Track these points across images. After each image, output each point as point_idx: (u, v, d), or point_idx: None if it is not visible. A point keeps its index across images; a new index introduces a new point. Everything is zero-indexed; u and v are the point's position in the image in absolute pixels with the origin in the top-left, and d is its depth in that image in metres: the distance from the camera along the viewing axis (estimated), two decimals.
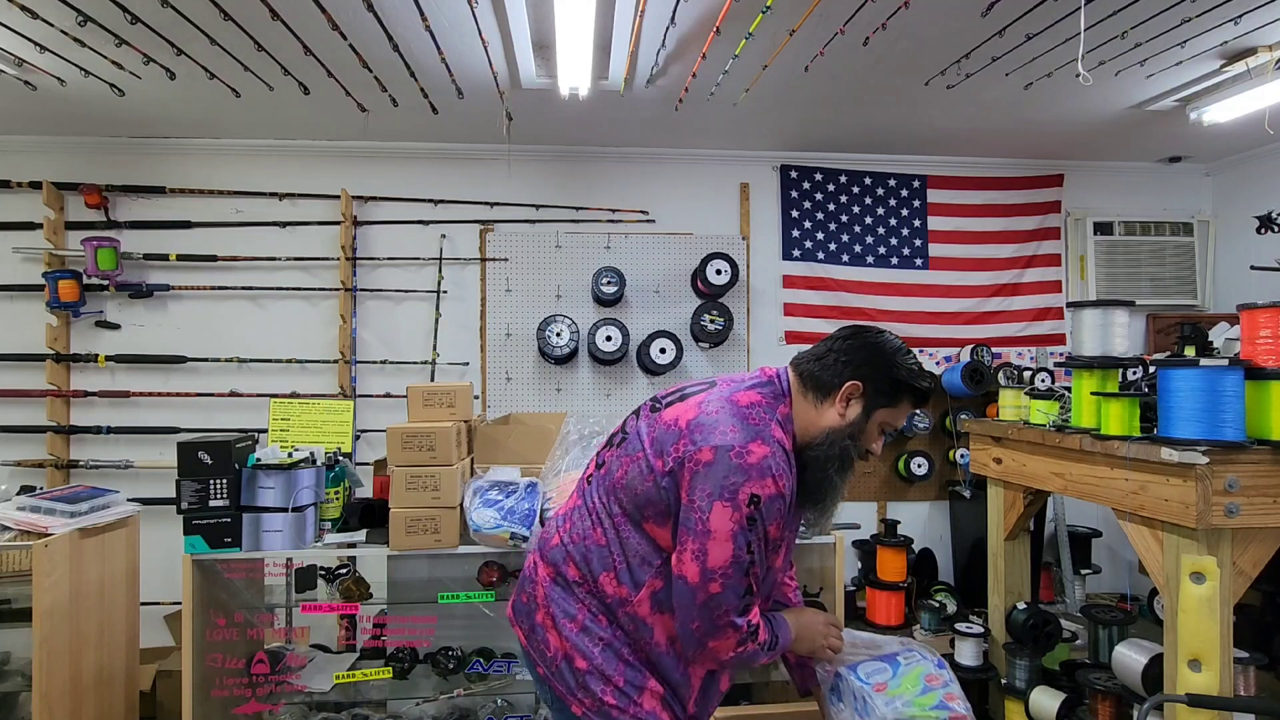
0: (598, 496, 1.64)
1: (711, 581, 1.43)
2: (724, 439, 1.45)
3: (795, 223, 4.41)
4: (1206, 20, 2.68)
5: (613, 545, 1.58)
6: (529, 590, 1.70)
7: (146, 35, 2.66)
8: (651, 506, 1.53)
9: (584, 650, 1.57)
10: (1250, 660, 2.04)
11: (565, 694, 1.59)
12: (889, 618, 3.75)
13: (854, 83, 3.33)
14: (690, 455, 1.46)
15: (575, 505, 1.70)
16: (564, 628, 1.60)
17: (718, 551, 1.42)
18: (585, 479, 1.73)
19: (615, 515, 1.58)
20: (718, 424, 1.48)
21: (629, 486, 1.56)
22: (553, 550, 1.67)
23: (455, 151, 4.17)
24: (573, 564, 1.61)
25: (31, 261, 3.89)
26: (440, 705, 2.72)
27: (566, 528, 1.67)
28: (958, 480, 4.29)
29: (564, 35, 2.69)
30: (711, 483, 1.43)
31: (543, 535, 1.75)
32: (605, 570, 1.57)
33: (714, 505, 1.42)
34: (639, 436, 1.60)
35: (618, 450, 1.64)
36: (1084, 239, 4.55)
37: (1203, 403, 1.83)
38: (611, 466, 1.63)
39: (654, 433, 1.57)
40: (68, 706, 2.43)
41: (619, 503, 1.58)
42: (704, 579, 1.44)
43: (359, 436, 3.89)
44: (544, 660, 1.63)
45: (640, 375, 4.25)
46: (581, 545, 1.61)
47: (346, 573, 2.80)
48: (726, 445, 1.44)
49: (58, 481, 3.82)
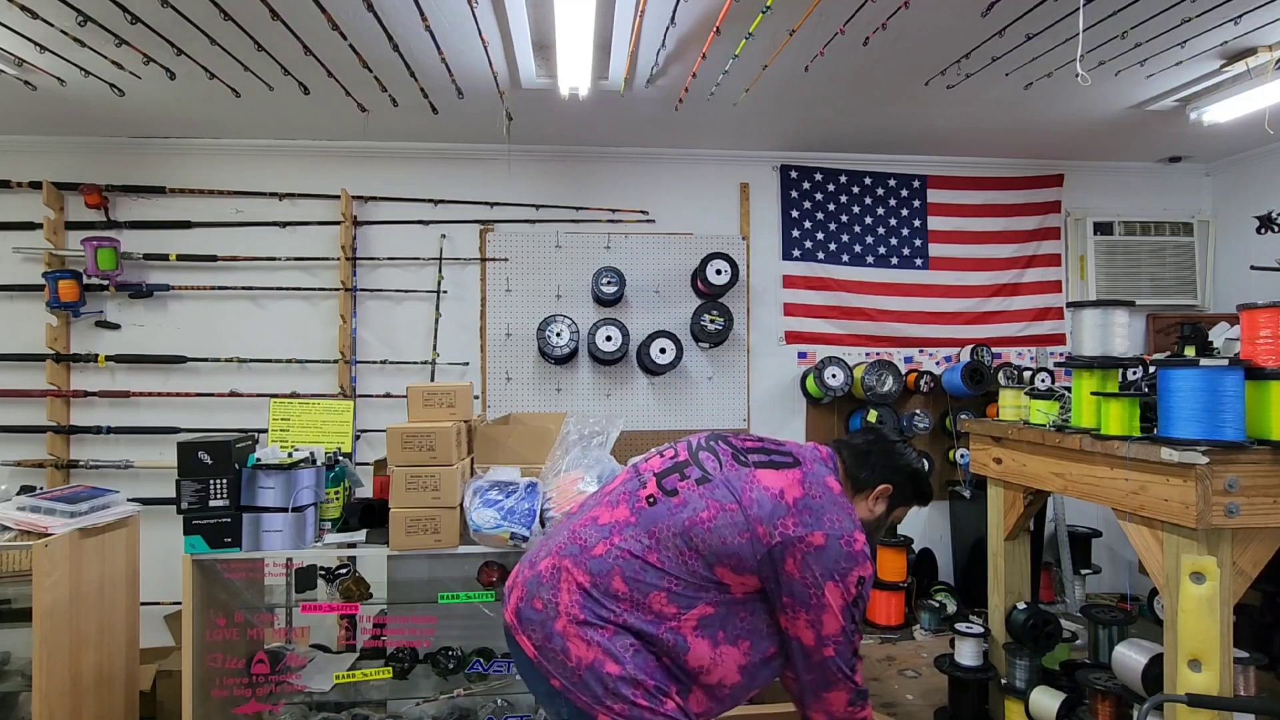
0: (667, 524, 1.65)
1: (825, 647, 1.63)
2: (833, 527, 1.63)
3: (795, 223, 4.41)
4: (1206, 20, 2.68)
5: (672, 571, 1.63)
6: (546, 596, 1.65)
7: (146, 35, 2.66)
8: (735, 559, 1.62)
9: (617, 655, 1.57)
10: (1250, 660, 2.04)
11: (590, 704, 1.57)
12: (889, 618, 3.75)
13: (854, 83, 3.34)
14: (803, 537, 1.61)
15: (628, 521, 1.68)
16: (592, 635, 1.58)
17: (831, 623, 1.61)
18: (643, 498, 1.71)
19: (685, 549, 1.63)
20: (824, 510, 1.64)
21: (716, 532, 1.62)
22: (595, 560, 1.65)
23: (455, 151, 4.17)
24: (620, 577, 1.62)
25: (31, 261, 3.89)
26: (440, 705, 2.71)
27: (616, 541, 1.66)
28: (958, 480, 4.29)
29: (564, 35, 2.69)
30: (822, 566, 1.60)
31: (577, 541, 1.70)
32: (657, 590, 1.62)
33: (827, 584, 1.60)
34: (729, 486, 1.66)
35: (698, 488, 1.68)
36: (1084, 239, 4.55)
37: (1203, 403, 1.83)
38: (691, 503, 1.66)
39: (751, 493, 1.64)
40: (68, 706, 2.43)
41: (695, 541, 1.62)
42: (819, 644, 1.63)
43: (359, 436, 3.89)
44: (563, 671, 1.59)
45: (640, 375, 4.26)
46: (633, 563, 1.63)
47: (346, 573, 2.80)
48: (837, 534, 1.62)
49: (58, 481, 3.82)
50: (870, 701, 1.77)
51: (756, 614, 1.67)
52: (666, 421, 4.27)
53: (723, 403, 4.32)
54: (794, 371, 4.40)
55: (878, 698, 2.99)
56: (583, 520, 1.75)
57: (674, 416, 4.28)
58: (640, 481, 1.76)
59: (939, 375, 4.22)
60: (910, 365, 4.46)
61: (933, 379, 4.24)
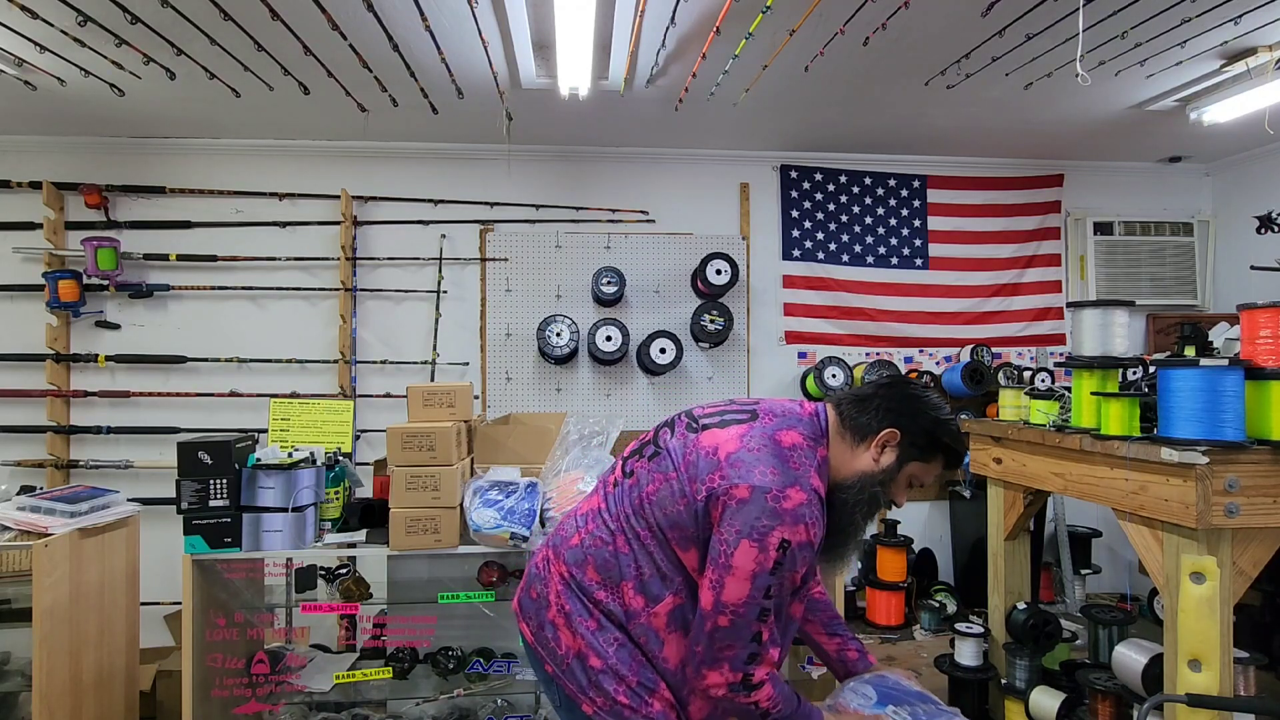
0: (624, 505, 1.61)
1: (721, 614, 1.44)
2: (762, 480, 1.45)
3: (795, 223, 4.41)
4: (1206, 20, 2.68)
5: (637, 555, 1.57)
6: (539, 587, 1.68)
7: (146, 35, 2.66)
8: (679, 529, 1.53)
9: (599, 649, 1.55)
10: (1250, 660, 2.04)
11: (576, 693, 1.58)
12: (889, 618, 3.75)
13: (854, 83, 3.33)
14: (725, 490, 1.46)
15: (598, 508, 1.67)
16: (578, 626, 1.58)
17: (734, 588, 1.43)
18: (610, 483, 1.69)
19: (640, 529, 1.57)
20: (758, 462, 1.48)
21: (659, 504, 1.55)
22: (571, 550, 1.64)
23: (455, 151, 4.17)
24: (592, 567, 1.60)
25: (31, 261, 3.89)
26: (440, 705, 2.71)
27: (588, 529, 1.64)
28: (958, 480, 4.29)
29: (564, 35, 2.69)
30: (742, 521, 1.43)
31: (560, 532, 1.72)
32: (626, 578, 1.56)
33: (740, 543, 1.42)
34: (672, 455, 1.59)
35: (649, 464, 1.62)
36: (1084, 239, 4.55)
37: (1203, 403, 1.83)
38: (641, 479, 1.61)
39: (690, 456, 1.55)
40: (68, 706, 2.43)
41: (646, 517, 1.57)
42: (715, 609, 1.45)
43: (359, 436, 3.89)
44: (554, 658, 1.61)
45: (640, 375, 4.25)
46: (603, 550, 1.59)
47: (346, 573, 2.80)
48: (764, 487, 1.44)
49: (58, 481, 3.82)
50: (774, 695, 1.52)
51: None
52: None
53: None
54: (794, 371, 4.40)
55: None
56: (569, 513, 1.76)
57: None
58: (612, 469, 1.74)
59: (939, 375, 4.22)
60: (910, 365, 4.45)
61: (933, 379, 4.24)
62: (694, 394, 4.29)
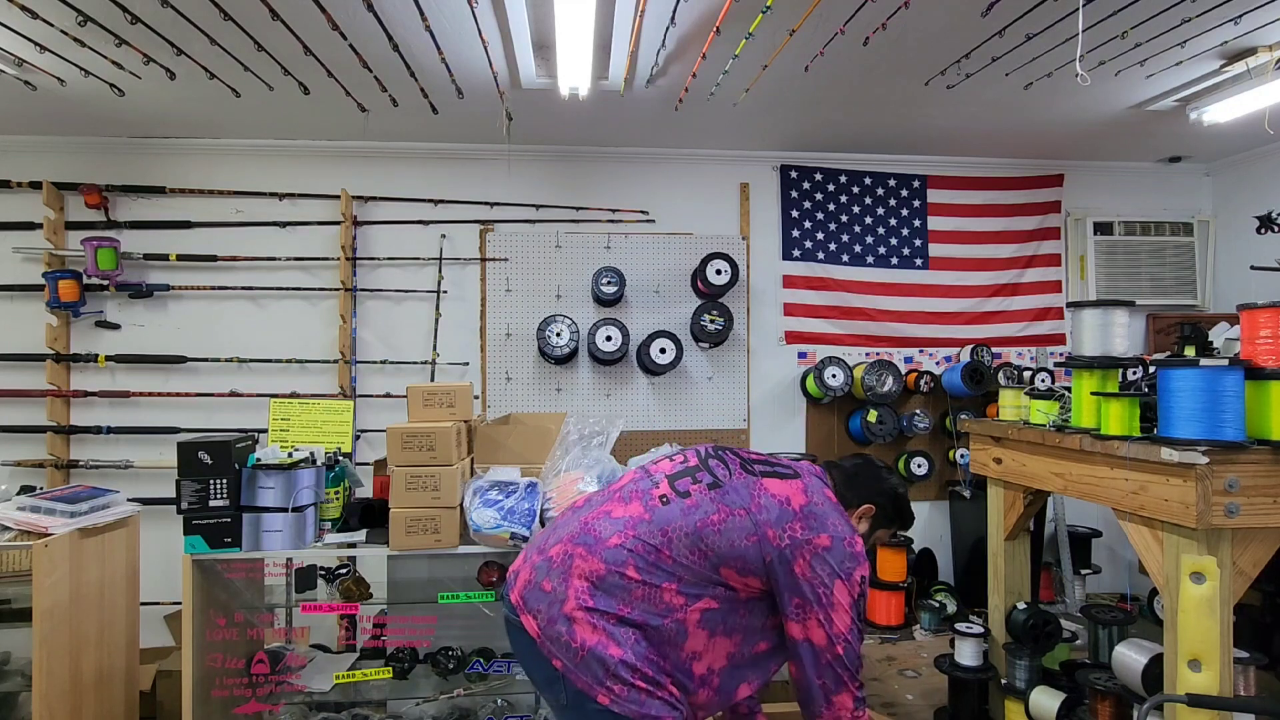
0: (679, 522, 1.75)
1: (837, 644, 1.72)
2: (836, 530, 1.77)
3: (795, 223, 4.41)
4: (1206, 20, 2.68)
5: (682, 565, 1.72)
6: (556, 581, 1.73)
7: (146, 35, 2.66)
8: (741, 561, 1.73)
9: (620, 640, 1.66)
10: (1250, 660, 2.04)
11: (591, 684, 1.65)
12: (889, 618, 3.75)
13: (854, 83, 3.33)
14: (808, 540, 1.74)
15: (642, 517, 1.78)
16: (600, 620, 1.67)
17: (841, 620, 1.72)
18: (656, 496, 1.82)
19: (693, 549, 1.73)
20: (827, 515, 1.79)
21: (725, 535, 1.73)
22: (610, 550, 1.73)
23: (455, 151, 4.17)
24: (634, 567, 1.71)
25: (31, 261, 3.89)
26: (440, 705, 2.72)
27: (630, 534, 1.75)
28: (958, 480, 4.29)
29: (564, 35, 2.69)
30: (834, 564, 1.73)
31: (591, 532, 1.78)
32: (670, 580, 1.72)
33: (835, 582, 1.73)
34: (737, 492, 1.79)
35: (710, 493, 1.80)
36: (1084, 239, 4.55)
37: (1203, 403, 1.83)
38: (703, 506, 1.77)
39: (760, 499, 1.77)
40: (68, 706, 2.43)
41: (704, 540, 1.73)
42: (830, 643, 1.72)
43: (359, 436, 3.89)
44: (566, 653, 1.67)
45: (640, 375, 4.26)
46: (649, 555, 1.72)
47: (346, 573, 2.80)
48: (840, 536, 1.77)
49: (58, 481, 3.82)
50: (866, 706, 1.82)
51: (754, 614, 1.78)
52: (666, 422, 4.27)
53: (723, 403, 4.32)
54: (794, 371, 4.40)
55: (878, 697, 2.99)
56: (594, 514, 1.83)
57: (674, 417, 4.28)
58: (652, 482, 1.87)
59: (939, 375, 4.22)
60: (910, 365, 4.46)
61: (933, 379, 4.24)
62: (694, 394, 4.29)
